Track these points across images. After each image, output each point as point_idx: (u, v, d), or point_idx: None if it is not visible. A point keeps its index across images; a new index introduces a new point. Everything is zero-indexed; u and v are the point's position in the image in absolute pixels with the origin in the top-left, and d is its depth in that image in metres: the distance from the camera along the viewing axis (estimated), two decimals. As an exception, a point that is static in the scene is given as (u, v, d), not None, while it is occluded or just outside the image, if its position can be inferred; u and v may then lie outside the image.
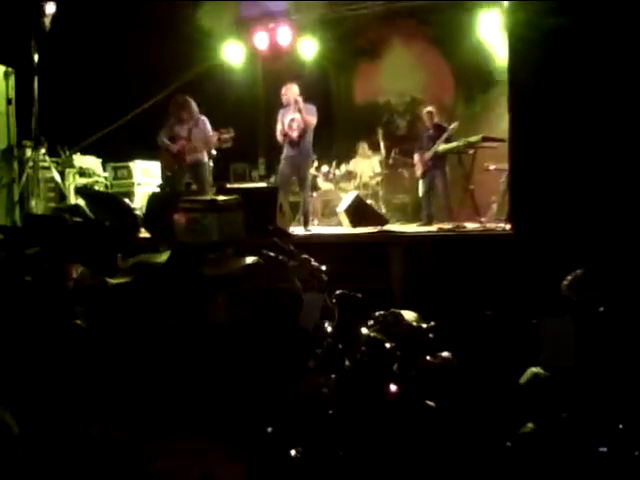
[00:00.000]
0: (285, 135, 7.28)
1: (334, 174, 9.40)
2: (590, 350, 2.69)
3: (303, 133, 7.19)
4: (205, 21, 9.27)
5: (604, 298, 2.95)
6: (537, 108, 5.16)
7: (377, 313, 3.42)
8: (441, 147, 7.43)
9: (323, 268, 3.14)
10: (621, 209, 4.68)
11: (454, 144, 7.20)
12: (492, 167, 7.63)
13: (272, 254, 3.30)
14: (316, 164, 9.24)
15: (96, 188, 7.88)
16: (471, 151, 7.03)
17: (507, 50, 5.54)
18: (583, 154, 4.90)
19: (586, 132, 4.93)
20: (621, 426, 2.49)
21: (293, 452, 2.67)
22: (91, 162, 8.24)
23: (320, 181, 9.31)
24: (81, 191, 6.78)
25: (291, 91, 7.30)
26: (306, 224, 7.28)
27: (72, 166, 7.89)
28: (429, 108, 8.07)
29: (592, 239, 4.51)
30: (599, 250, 4.25)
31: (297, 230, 7.32)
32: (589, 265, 3.25)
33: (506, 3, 5.66)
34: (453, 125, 7.46)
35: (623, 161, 4.78)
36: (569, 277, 3.19)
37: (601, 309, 2.91)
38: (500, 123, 6.70)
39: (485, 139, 6.79)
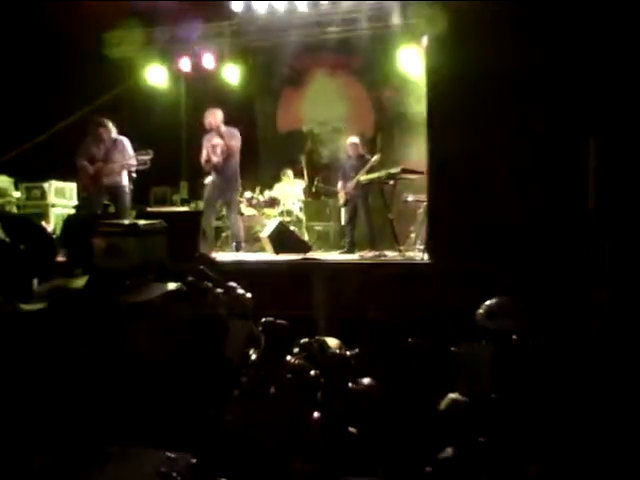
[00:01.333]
0: (207, 161, 7.24)
1: (257, 200, 9.42)
2: (506, 376, 2.81)
3: (227, 158, 7.17)
4: (119, 45, 9.17)
5: (518, 326, 3.10)
6: (454, 143, 5.40)
7: (302, 340, 3.44)
8: (363, 177, 7.60)
9: (248, 295, 3.13)
10: (533, 239, 4.95)
11: (375, 175, 7.39)
12: (410, 198, 7.89)
13: (196, 281, 3.26)
14: (239, 189, 9.23)
15: (8, 209, 7.53)
16: (391, 182, 7.24)
17: (426, 85, 5.79)
18: (498, 187, 5.17)
19: (501, 166, 5.21)
20: (537, 450, 2.61)
21: (216, 483, 2.63)
22: (3, 182, 7.88)
23: (243, 207, 9.29)
24: (-6, 214, 6.46)
25: (213, 116, 7.27)
26: (237, 249, 7.21)
27: (-19, 185, 7.53)
28: (353, 139, 8.22)
29: (506, 269, 4.75)
30: (513, 279, 4.48)
31: (223, 256, 7.25)
32: (503, 294, 3.41)
33: (425, 40, 5.91)
34: (375, 157, 7.66)
35: (535, 191, 5.08)
36: (484, 306, 3.32)
37: (514, 337, 3.05)
38: (419, 156, 6.96)
39: (404, 171, 7.01)
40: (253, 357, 3.02)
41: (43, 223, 4.42)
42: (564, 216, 5.05)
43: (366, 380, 3.57)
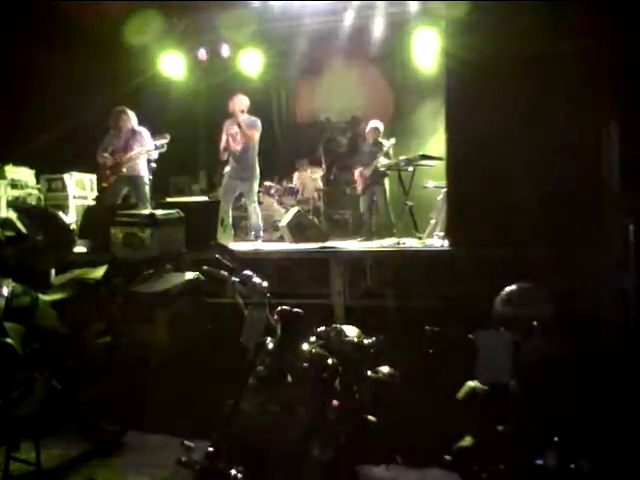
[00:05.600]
0: (225, 149, 7.18)
1: (276, 189, 9.41)
2: (525, 364, 2.77)
3: (245, 147, 7.11)
4: (138, 36, 9.15)
5: (538, 313, 3.04)
6: (472, 128, 5.32)
7: (319, 329, 3.41)
8: (380, 164, 7.54)
9: (265, 284, 3.10)
10: (555, 227, 4.87)
11: (393, 161, 7.33)
12: (430, 184, 7.81)
13: (213, 270, 3.24)
14: (258, 178, 9.22)
15: (29, 201, 7.60)
16: (410, 168, 7.16)
17: (444, 70, 5.70)
18: (518, 173, 5.08)
19: (520, 151, 5.12)
20: (556, 439, 2.57)
21: (233, 472, 2.63)
22: (24, 174, 7.95)
23: (262, 196, 9.29)
24: (13, 204, 6.53)
25: (233, 102, 7.17)
26: (256, 239, 7.19)
27: (3, 178, 7.60)
28: (374, 123, 8.13)
29: (527, 255, 4.67)
30: (534, 266, 4.40)
31: (243, 244, 7.25)
32: (524, 281, 3.35)
33: (443, 24, 5.82)
34: (390, 142, 7.59)
35: (557, 178, 4.99)
36: (503, 293, 3.27)
37: (535, 324, 3.00)
38: (438, 142, 6.88)
39: (423, 157, 6.94)
40: (270, 346, 2.99)
41: (61, 214, 4.43)
42: (586, 201, 4.95)
43: (385, 368, 3.54)
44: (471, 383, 3.01)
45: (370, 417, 3.32)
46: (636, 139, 4.64)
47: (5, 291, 3.40)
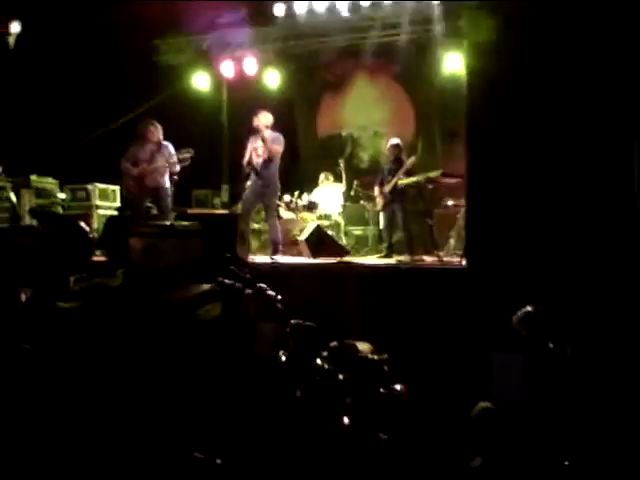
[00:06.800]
0: (249, 163, 7.27)
1: (296, 204, 9.43)
2: (538, 385, 2.73)
3: (268, 161, 7.18)
4: (166, 51, 9.32)
5: (553, 334, 3.00)
6: (493, 148, 5.31)
7: (331, 344, 3.41)
8: (401, 181, 7.53)
9: (279, 297, 3.12)
10: (572, 249, 4.81)
11: (414, 178, 7.32)
12: (450, 203, 7.78)
13: (228, 282, 3.27)
14: (279, 193, 9.26)
15: (53, 210, 7.74)
16: (431, 186, 7.15)
17: (466, 90, 5.70)
18: (537, 194, 5.04)
19: (541, 172, 5.09)
20: (567, 463, 2.52)
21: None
22: (49, 183, 8.11)
23: (282, 210, 9.32)
24: (34, 212, 6.63)
25: (258, 118, 7.27)
26: (274, 252, 7.22)
27: (29, 186, 7.74)
28: (394, 141, 8.13)
29: (543, 276, 4.62)
30: (549, 287, 4.35)
31: (262, 258, 7.28)
32: (539, 301, 3.31)
33: (465, 45, 5.83)
34: (410, 160, 7.58)
35: (576, 201, 4.94)
36: (520, 313, 3.24)
37: (550, 345, 2.96)
38: (459, 160, 6.86)
39: (444, 175, 6.93)
40: (282, 359, 3.00)
41: (83, 223, 4.49)
42: (608, 223, 4.89)
43: (397, 385, 3.51)
44: (483, 403, 2.98)
45: (381, 434, 3.29)
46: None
47: (23, 298, 3.45)
